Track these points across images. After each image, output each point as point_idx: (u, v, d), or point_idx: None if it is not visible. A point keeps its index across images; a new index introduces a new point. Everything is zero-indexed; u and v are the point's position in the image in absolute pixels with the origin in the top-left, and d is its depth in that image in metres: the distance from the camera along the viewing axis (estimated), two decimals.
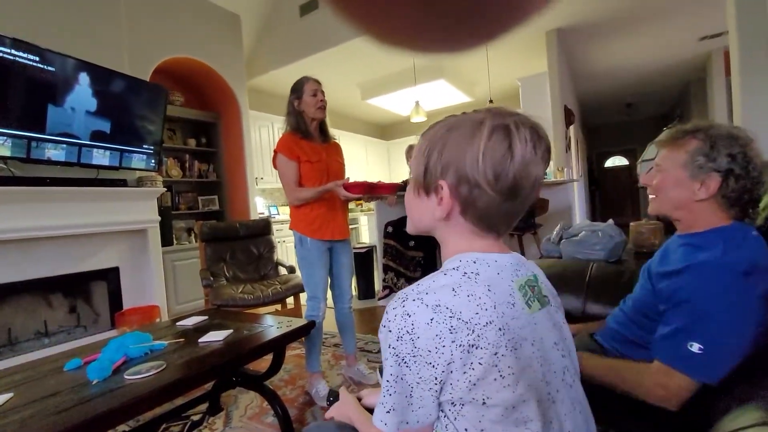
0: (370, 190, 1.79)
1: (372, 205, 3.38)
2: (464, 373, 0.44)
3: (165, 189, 3.09)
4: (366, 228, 5.62)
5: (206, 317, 1.71)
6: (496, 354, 0.44)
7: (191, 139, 4.10)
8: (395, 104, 5.78)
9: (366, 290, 3.63)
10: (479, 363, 0.44)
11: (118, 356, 1.17)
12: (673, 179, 0.82)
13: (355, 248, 3.61)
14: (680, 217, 0.85)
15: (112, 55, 2.77)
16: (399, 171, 6.89)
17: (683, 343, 0.71)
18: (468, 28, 0.32)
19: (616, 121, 8.96)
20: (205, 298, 2.61)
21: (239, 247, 3.04)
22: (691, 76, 5.94)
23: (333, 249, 1.89)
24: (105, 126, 2.59)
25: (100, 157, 2.59)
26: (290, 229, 1.86)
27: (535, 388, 0.47)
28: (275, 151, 1.80)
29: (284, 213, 5.04)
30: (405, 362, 0.46)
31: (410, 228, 0.61)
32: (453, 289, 0.47)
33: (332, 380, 1.98)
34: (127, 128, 2.73)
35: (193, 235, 3.87)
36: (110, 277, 2.82)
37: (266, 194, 5.17)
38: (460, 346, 0.44)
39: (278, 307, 2.71)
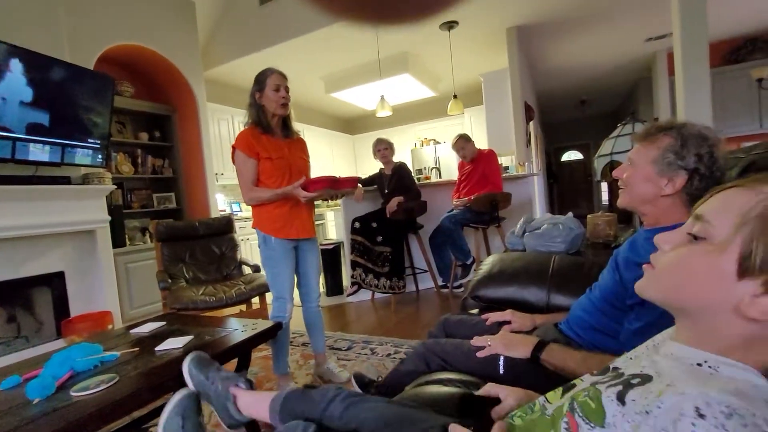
0: (332, 185, 1.74)
1: (339, 200, 3.33)
2: None
3: (115, 186, 2.89)
4: (333, 224, 5.54)
5: (164, 323, 1.61)
6: None
7: (143, 132, 3.84)
8: (360, 98, 5.71)
9: (334, 287, 3.59)
10: None
11: (62, 371, 1.07)
12: (642, 174, 0.84)
13: (322, 245, 3.55)
14: (647, 211, 0.88)
15: (49, 41, 2.52)
16: (365, 166, 6.83)
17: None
18: None
19: (572, 117, 9.38)
20: (162, 302, 2.46)
21: (199, 246, 2.90)
22: (639, 75, 6.31)
23: (299, 247, 1.84)
24: (43, 118, 2.36)
25: (38, 152, 2.36)
26: (253, 227, 1.80)
27: None
28: (233, 147, 1.72)
29: (247, 210, 4.86)
30: None
31: (669, 295, 0.48)
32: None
33: (301, 381, 1.93)
34: (69, 121, 2.51)
35: (148, 234, 3.64)
36: (55, 282, 2.60)
37: (227, 191, 4.97)
38: None
39: (243, 308, 2.61)
